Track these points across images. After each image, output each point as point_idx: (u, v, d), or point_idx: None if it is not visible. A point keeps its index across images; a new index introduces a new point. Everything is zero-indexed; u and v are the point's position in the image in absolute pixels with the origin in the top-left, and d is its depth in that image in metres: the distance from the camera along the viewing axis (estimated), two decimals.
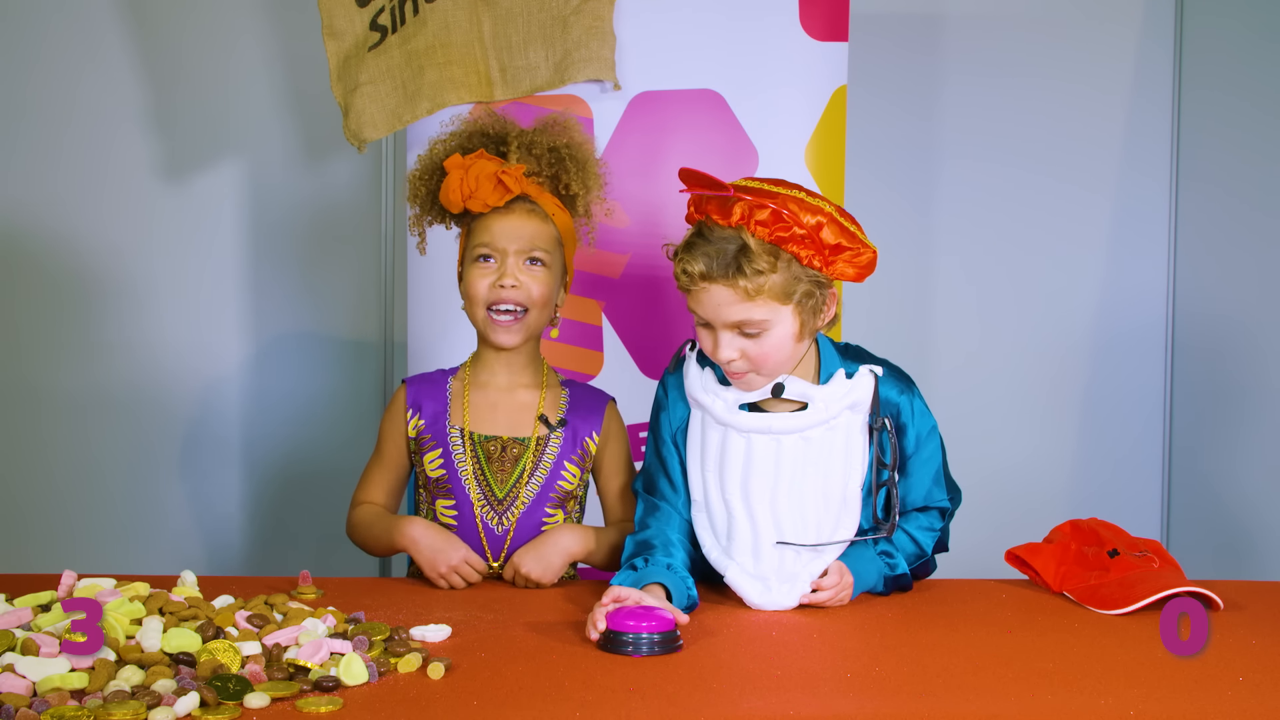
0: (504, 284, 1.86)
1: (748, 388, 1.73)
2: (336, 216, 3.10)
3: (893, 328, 3.13)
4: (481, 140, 1.94)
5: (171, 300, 3.07)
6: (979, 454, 3.14)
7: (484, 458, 1.90)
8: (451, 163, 1.89)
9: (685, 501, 1.82)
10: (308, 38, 2.92)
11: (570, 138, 1.94)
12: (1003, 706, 1.31)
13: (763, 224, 1.63)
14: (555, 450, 1.91)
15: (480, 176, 1.86)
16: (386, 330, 3.12)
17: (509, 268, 1.86)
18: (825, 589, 1.70)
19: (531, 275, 1.87)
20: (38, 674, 1.26)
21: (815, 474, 1.74)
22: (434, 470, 1.90)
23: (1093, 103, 3.19)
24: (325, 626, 1.48)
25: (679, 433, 1.82)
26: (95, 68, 3.04)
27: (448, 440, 1.91)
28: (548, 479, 1.90)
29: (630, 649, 1.47)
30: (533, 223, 1.88)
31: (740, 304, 1.64)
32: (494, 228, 1.87)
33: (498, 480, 1.89)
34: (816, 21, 2.33)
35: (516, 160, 1.90)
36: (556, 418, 1.93)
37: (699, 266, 1.65)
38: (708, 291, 1.66)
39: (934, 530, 1.86)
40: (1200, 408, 3.14)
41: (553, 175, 1.92)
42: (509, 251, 1.86)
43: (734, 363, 1.69)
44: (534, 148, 1.91)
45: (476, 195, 1.86)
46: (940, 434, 1.84)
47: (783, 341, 1.68)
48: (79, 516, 3.07)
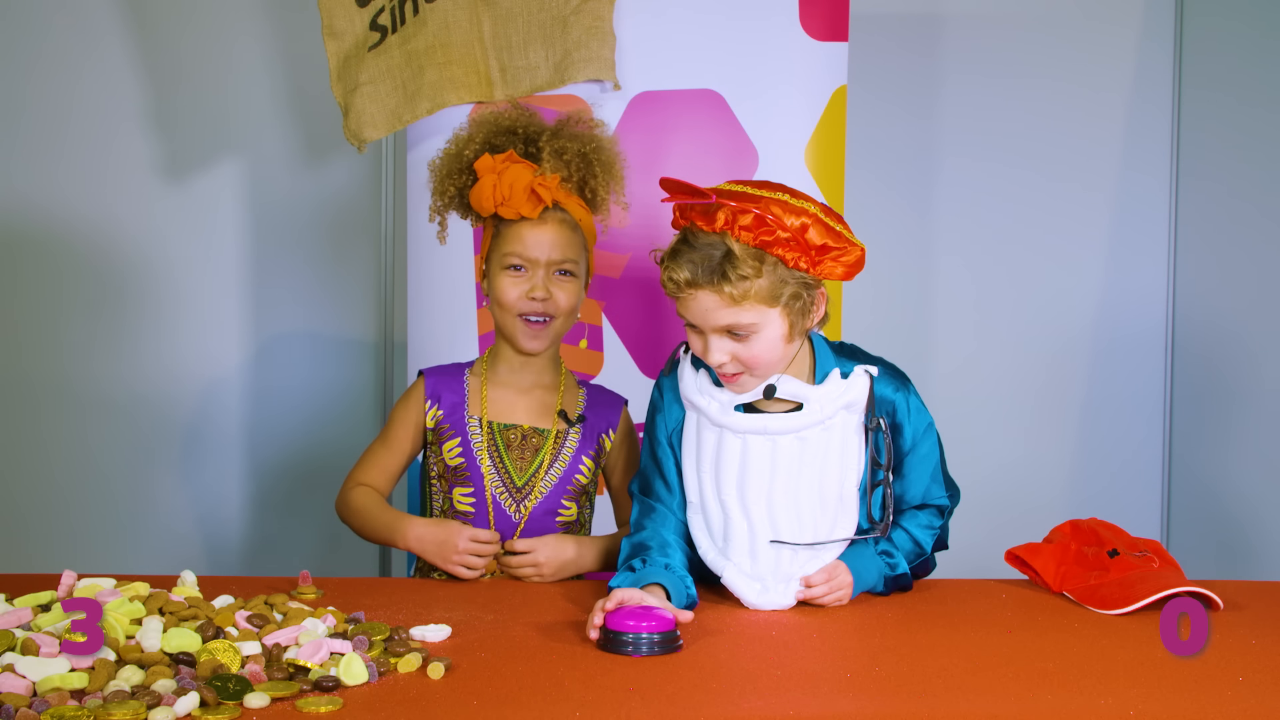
0: (535, 296, 1.88)
1: (741, 389, 1.73)
2: (336, 216, 3.10)
3: (893, 328, 3.13)
4: (510, 139, 1.93)
5: (172, 300, 3.07)
6: (979, 454, 3.14)
7: (503, 445, 1.92)
8: (483, 165, 1.89)
9: (680, 503, 1.82)
10: (308, 38, 2.92)
11: (598, 141, 1.94)
12: (1003, 706, 1.31)
13: (746, 229, 1.63)
14: (574, 445, 1.95)
15: (515, 186, 1.86)
16: (386, 330, 3.12)
17: (540, 279, 1.89)
18: (815, 585, 1.71)
19: (561, 286, 1.90)
20: (38, 674, 1.26)
21: (811, 474, 1.74)
22: (453, 458, 1.92)
23: (1093, 103, 3.19)
24: (325, 626, 1.48)
25: (674, 434, 1.82)
26: (95, 67, 3.04)
27: (466, 429, 1.93)
28: (565, 472, 1.94)
29: (630, 649, 1.47)
30: (564, 233, 1.90)
31: (727, 309, 1.65)
32: (526, 238, 1.89)
33: (516, 468, 1.92)
34: (816, 21, 2.33)
35: (549, 166, 1.90)
36: (575, 413, 1.96)
37: (684, 274, 1.65)
38: (694, 298, 1.66)
39: (933, 528, 1.86)
40: (1200, 408, 3.14)
41: (580, 179, 1.93)
42: (540, 263, 1.88)
43: (725, 365, 1.69)
44: (564, 153, 1.90)
45: (510, 203, 1.87)
46: (937, 431, 1.84)
47: (773, 343, 1.69)
48: (79, 516, 3.07)
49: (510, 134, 1.93)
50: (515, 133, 1.93)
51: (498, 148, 1.91)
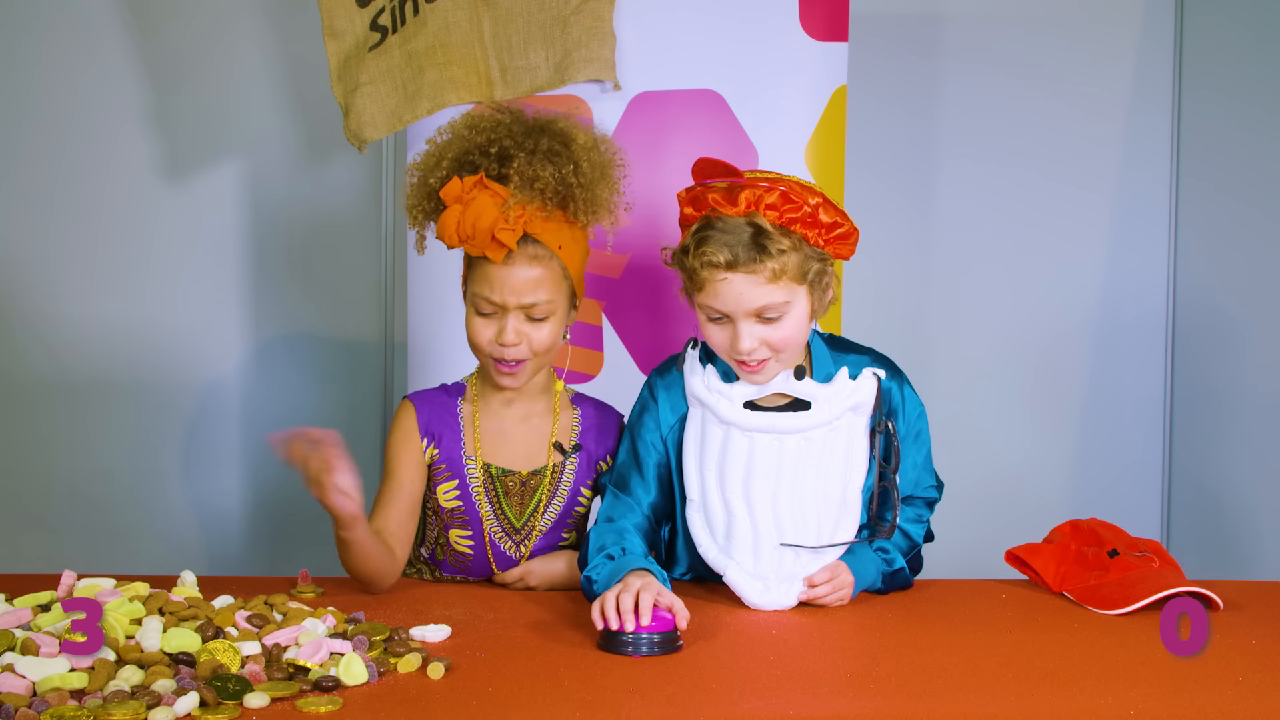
0: (505, 341, 1.77)
1: (764, 379, 1.73)
2: (337, 217, 3.10)
3: (892, 328, 3.13)
4: (483, 160, 1.77)
5: (172, 301, 3.07)
6: (978, 454, 3.14)
7: (501, 491, 1.86)
8: (449, 194, 1.75)
9: (653, 501, 1.83)
10: (308, 38, 2.92)
11: (577, 162, 1.77)
12: (1003, 706, 1.31)
13: (772, 207, 1.65)
14: (572, 477, 1.89)
15: (478, 225, 1.72)
16: (387, 331, 3.12)
17: (510, 324, 1.77)
18: (818, 584, 1.71)
19: (535, 327, 1.79)
20: (38, 674, 1.27)
21: (816, 475, 1.74)
22: (449, 501, 1.87)
23: (1093, 103, 3.19)
24: (325, 626, 1.48)
25: (669, 434, 1.82)
26: (95, 68, 3.04)
27: (464, 472, 1.86)
28: (565, 505, 1.88)
29: (630, 649, 1.47)
30: (534, 271, 1.76)
31: (764, 287, 1.65)
32: (493, 280, 1.76)
33: (514, 512, 1.87)
34: (816, 22, 2.33)
35: (520, 198, 1.73)
36: (570, 443, 1.89)
37: (724, 255, 1.64)
38: (729, 281, 1.66)
39: (922, 521, 1.88)
40: (1200, 408, 3.14)
41: (560, 201, 1.77)
42: (509, 306, 1.77)
43: (755, 352, 1.69)
44: (537, 180, 1.74)
45: (473, 242, 1.74)
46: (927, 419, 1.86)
47: (800, 323, 1.70)
48: (79, 516, 3.07)
49: (483, 154, 1.78)
50: (488, 153, 1.77)
51: (468, 168, 1.77)
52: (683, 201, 1.74)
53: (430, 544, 1.93)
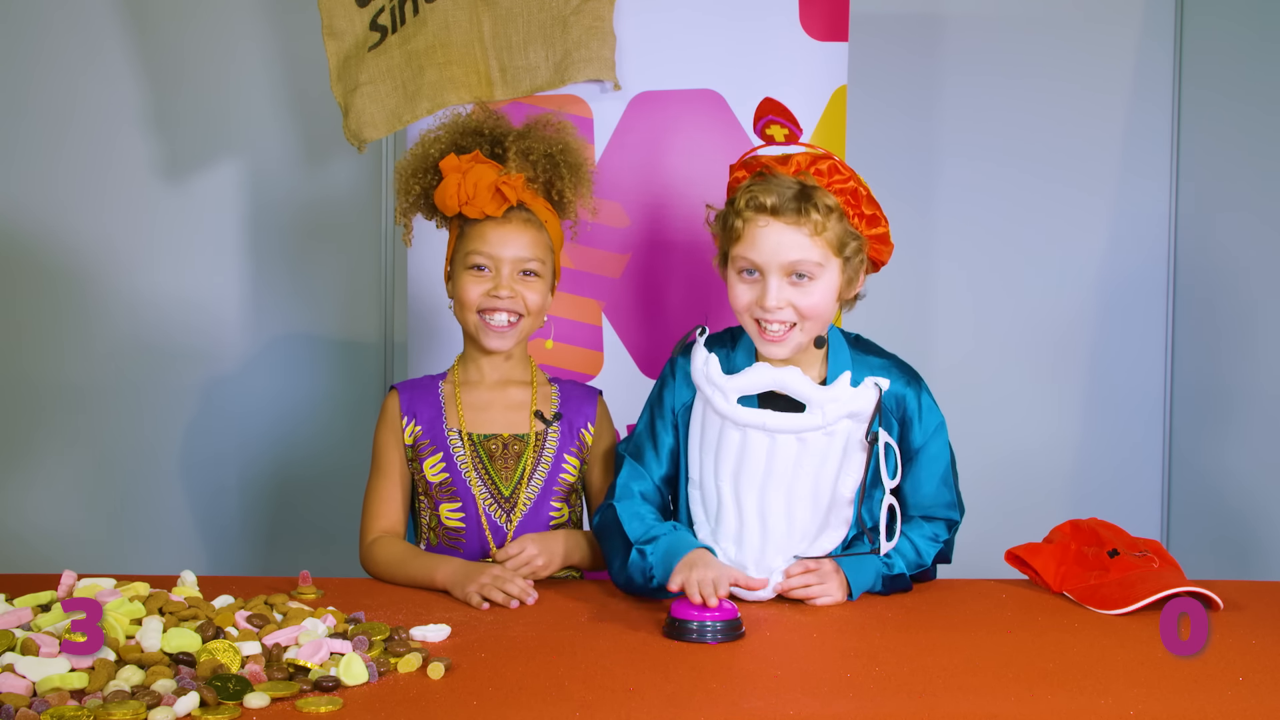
0: (499, 294, 1.87)
1: (784, 351, 1.74)
2: (336, 217, 3.10)
3: (892, 328, 3.11)
4: (476, 140, 1.93)
5: (171, 300, 3.07)
6: (978, 453, 3.13)
7: (486, 457, 1.90)
8: (448, 165, 1.89)
9: (664, 474, 1.86)
10: (307, 38, 2.92)
11: (565, 142, 1.94)
12: (1003, 706, 1.31)
13: (821, 174, 1.71)
14: (555, 444, 1.93)
15: (479, 184, 1.86)
16: (386, 330, 3.12)
17: (504, 279, 1.88)
18: (792, 576, 1.71)
19: (527, 285, 1.89)
20: (38, 674, 1.27)
21: (807, 476, 1.74)
22: (436, 475, 1.90)
23: (1093, 103, 3.19)
24: (325, 626, 1.48)
25: (681, 413, 1.84)
26: (95, 68, 3.04)
27: (447, 443, 1.91)
28: (550, 473, 1.92)
29: (695, 636, 1.51)
30: (529, 233, 1.89)
31: (803, 240, 1.69)
32: (490, 237, 1.88)
33: (502, 478, 1.90)
34: (816, 21, 2.33)
35: (514, 166, 1.89)
36: (551, 411, 1.95)
37: (770, 199, 1.69)
38: (769, 228, 1.69)
39: (937, 541, 1.85)
40: (1200, 406, 3.15)
41: (546, 180, 1.93)
42: (504, 261, 1.88)
43: (780, 312, 1.70)
44: (530, 153, 1.90)
45: (474, 202, 1.86)
46: (948, 436, 1.84)
47: (827, 295, 1.72)
48: (79, 516, 3.07)
49: (476, 135, 1.93)
50: (481, 134, 1.93)
51: (464, 148, 1.91)
52: (734, 169, 1.79)
53: (425, 531, 1.95)
